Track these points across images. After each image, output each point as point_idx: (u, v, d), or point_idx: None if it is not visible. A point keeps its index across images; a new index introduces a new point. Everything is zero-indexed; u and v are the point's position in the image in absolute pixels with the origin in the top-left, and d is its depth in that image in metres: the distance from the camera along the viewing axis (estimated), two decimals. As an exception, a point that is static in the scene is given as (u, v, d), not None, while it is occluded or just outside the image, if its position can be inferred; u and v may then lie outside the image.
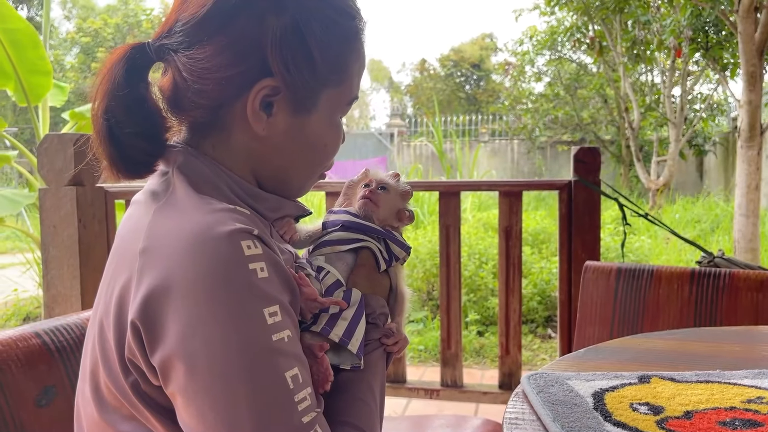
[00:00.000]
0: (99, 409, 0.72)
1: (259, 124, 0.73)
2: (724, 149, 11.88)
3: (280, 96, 0.72)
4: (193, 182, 0.72)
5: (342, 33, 0.75)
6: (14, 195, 4.27)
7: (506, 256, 2.45)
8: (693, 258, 5.75)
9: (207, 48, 0.70)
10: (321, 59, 0.73)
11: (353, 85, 0.78)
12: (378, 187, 0.89)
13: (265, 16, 0.70)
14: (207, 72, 0.71)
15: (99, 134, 0.72)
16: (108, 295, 0.71)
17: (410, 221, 0.91)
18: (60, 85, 5.11)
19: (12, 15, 4.01)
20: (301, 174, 0.81)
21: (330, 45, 0.73)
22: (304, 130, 0.76)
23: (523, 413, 0.87)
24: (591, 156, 2.35)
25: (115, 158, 0.73)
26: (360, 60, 0.78)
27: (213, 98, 0.72)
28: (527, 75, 14.63)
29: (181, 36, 0.71)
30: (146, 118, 0.73)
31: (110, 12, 21.69)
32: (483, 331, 4.35)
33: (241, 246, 0.64)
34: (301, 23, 0.71)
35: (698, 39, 7.53)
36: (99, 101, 0.72)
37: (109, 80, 0.71)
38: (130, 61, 0.71)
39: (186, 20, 0.71)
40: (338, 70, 0.75)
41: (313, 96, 0.74)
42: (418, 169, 10.06)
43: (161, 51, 0.73)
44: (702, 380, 0.96)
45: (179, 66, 0.72)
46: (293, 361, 0.65)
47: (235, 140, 0.75)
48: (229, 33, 0.70)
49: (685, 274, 1.69)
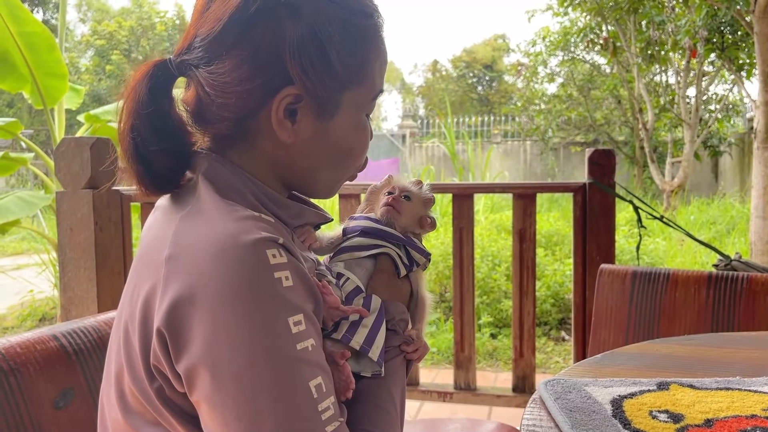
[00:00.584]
0: (123, 413, 0.73)
1: (284, 132, 0.73)
2: (740, 150, 11.76)
3: (303, 103, 0.73)
4: (218, 189, 0.72)
5: (360, 33, 0.74)
6: (30, 197, 4.32)
7: (520, 259, 2.44)
8: (708, 261, 5.69)
9: (227, 62, 0.71)
10: (340, 62, 0.72)
11: (375, 82, 0.78)
12: (401, 194, 0.89)
13: (281, 25, 0.70)
14: (229, 86, 0.71)
15: (126, 153, 0.73)
16: (133, 301, 0.71)
17: (432, 228, 0.91)
18: (75, 87, 5.16)
19: (28, 18, 4.05)
20: (329, 176, 0.81)
21: (348, 47, 0.73)
22: (330, 134, 0.76)
23: (541, 420, 0.87)
24: (606, 158, 2.34)
25: (143, 176, 0.73)
26: (381, 56, 0.78)
27: (237, 110, 0.73)
28: (540, 76, 14.57)
29: (200, 51, 0.72)
30: (171, 134, 0.73)
31: (124, 15, 21.87)
32: (496, 333, 4.33)
33: (266, 255, 0.65)
34: (317, 29, 0.71)
35: (714, 39, 7.47)
36: (125, 120, 0.72)
37: (134, 99, 0.71)
38: (153, 78, 0.72)
39: (204, 36, 0.72)
40: (358, 71, 0.75)
41: (336, 99, 0.74)
42: (430, 171, 10.04)
43: (183, 67, 0.74)
44: (722, 387, 0.94)
45: (201, 81, 0.72)
46: (317, 370, 0.66)
47: (260, 149, 0.75)
48: (247, 45, 0.70)
49: (702, 278, 1.68)
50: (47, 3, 21.05)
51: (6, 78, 4.26)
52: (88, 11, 25.16)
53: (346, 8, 0.73)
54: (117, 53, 17.78)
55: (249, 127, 0.74)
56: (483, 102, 24.32)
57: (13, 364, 0.91)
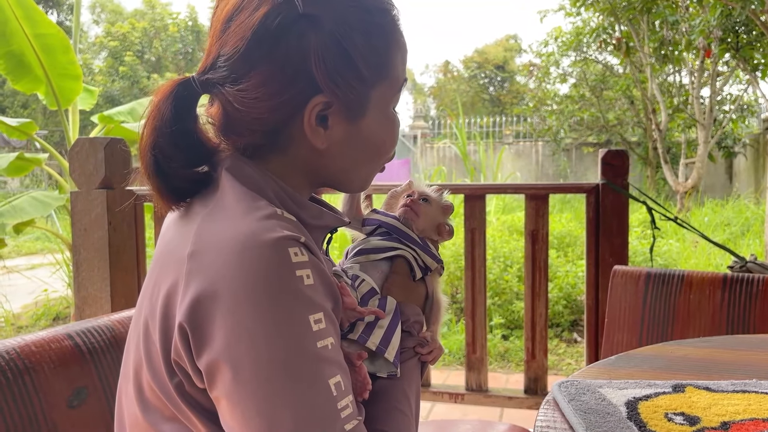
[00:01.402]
0: (141, 408, 0.74)
1: (318, 138, 0.74)
2: (755, 151, 11.66)
3: (333, 108, 0.73)
4: (242, 182, 0.73)
5: (380, 32, 0.75)
6: (45, 197, 4.36)
7: (532, 260, 2.42)
8: (722, 262, 5.64)
9: (253, 79, 0.71)
10: (365, 64, 0.73)
11: (399, 74, 0.79)
12: (420, 198, 0.90)
13: (303, 36, 0.70)
14: (259, 101, 0.71)
15: (147, 169, 0.73)
16: (154, 297, 0.72)
17: (450, 236, 0.91)
18: (89, 88, 5.20)
19: (43, 20, 4.09)
20: (363, 172, 0.82)
21: (371, 47, 0.74)
22: (362, 132, 0.77)
23: (555, 421, 0.86)
24: (619, 159, 2.32)
25: (164, 190, 0.74)
26: (401, 48, 0.78)
27: (269, 124, 0.73)
28: (552, 76, 14.51)
29: (225, 71, 0.72)
30: (194, 150, 0.74)
31: (137, 16, 22.02)
32: (508, 334, 4.31)
33: (288, 253, 0.65)
34: (339, 36, 0.71)
35: (728, 39, 7.40)
36: (147, 137, 0.72)
37: (157, 117, 0.72)
38: (177, 97, 0.72)
39: (228, 54, 0.72)
40: (382, 68, 0.76)
41: (364, 98, 0.75)
42: (442, 171, 10.04)
43: (207, 85, 0.74)
44: (738, 390, 0.93)
45: (229, 99, 0.72)
46: (336, 368, 0.66)
47: (293, 156, 0.76)
48: (272, 61, 0.71)
49: (717, 280, 1.66)
50: (62, 5, 21.24)
51: (21, 79, 4.30)
52: (101, 13, 25.36)
53: (364, 9, 0.74)
54: (130, 54, 17.90)
55: (281, 136, 0.75)
56: (495, 102, 24.26)
57: (28, 362, 0.91)
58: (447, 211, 0.92)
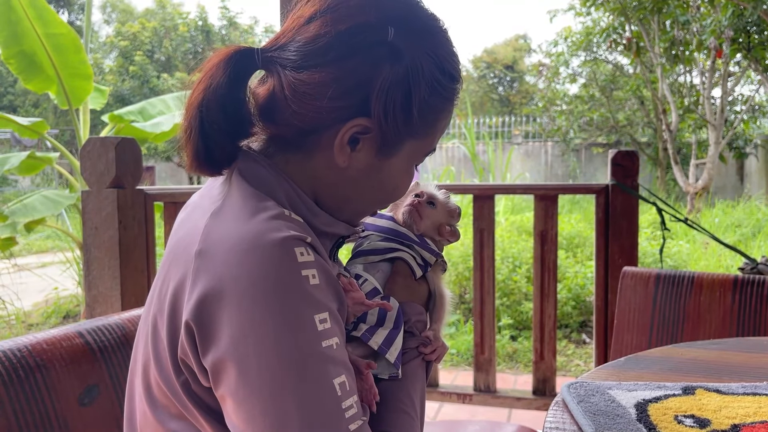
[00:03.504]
0: (150, 405, 0.74)
1: (342, 156, 0.74)
2: (766, 152, 11.56)
3: (370, 135, 0.74)
4: (251, 183, 0.73)
5: (443, 94, 0.77)
6: (56, 196, 4.39)
7: (541, 261, 2.42)
8: (733, 264, 5.60)
9: (317, 75, 0.71)
10: (418, 114, 0.74)
11: (435, 139, 0.81)
12: (427, 201, 0.90)
13: (381, 63, 0.72)
14: (309, 97, 0.72)
15: (189, 125, 0.72)
16: (162, 294, 0.72)
17: (452, 238, 0.91)
18: (100, 88, 5.23)
19: (55, 20, 4.12)
20: (362, 207, 0.82)
21: (430, 103, 0.75)
22: (382, 171, 0.78)
23: (564, 422, 0.86)
24: (629, 159, 2.31)
25: (200, 151, 0.73)
26: (447, 118, 0.80)
27: (307, 122, 0.73)
28: (562, 76, 14.46)
29: (294, 55, 0.72)
30: (238, 120, 0.73)
31: (148, 16, 22.12)
32: (516, 335, 4.30)
33: (294, 252, 0.66)
34: (411, 76, 0.73)
35: (740, 39, 7.35)
36: (197, 94, 0.72)
37: (211, 76, 0.71)
38: (236, 62, 0.72)
39: (304, 42, 0.72)
40: (428, 126, 0.77)
41: (399, 143, 0.76)
42: (451, 171, 10.02)
43: (269, 62, 0.74)
44: (749, 392, 0.93)
45: (283, 82, 0.73)
46: (341, 368, 0.66)
47: (312, 164, 0.76)
48: (342, 67, 0.71)
49: (728, 282, 1.65)
50: (73, 4, 21.36)
51: (33, 78, 4.33)
52: (112, 12, 25.48)
53: (440, 66, 0.75)
54: (140, 54, 17.96)
55: (311, 139, 0.75)
56: (504, 103, 24.18)
57: (39, 360, 0.92)
58: (453, 215, 0.92)
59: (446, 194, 0.93)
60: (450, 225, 0.92)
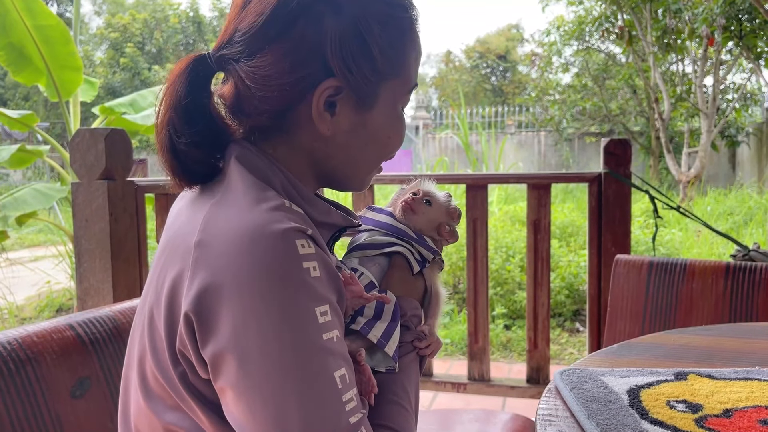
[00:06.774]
0: (145, 397, 0.74)
1: (324, 124, 0.74)
2: (758, 140, 11.60)
3: (343, 95, 0.73)
4: (251, 175, 0.73)
5: (398, 26, 0.75)
6: (47, 189, 4.36)
7: (534, 250, 2.42)
8: (725, 251, 5.63)
9: (268, 56, 0.71)
10: (380, 55, 0.73)
11: (411, 74, 0.79)
12: (423, 198, 0.90)
13: (322, 18, 0.71)
14: (270, 79, 0.71)
15: (161, 146, 0.73)
16: (159, 285, 0.72)
17: (452, 238, 0.91)
18: (90, 80, 5.19)
19: (44, 11, 4.08)
20: (365, 168, 0.82)
21: (388, 40, 0.74)
22: (368, 125, 0.77)
23: (557, 409, 0.86)
24: (621, 148, 2.31)
25: (177, 169, 0.74)
26: (416, 49, 0.79)
27: (277, 103, 0.73)
28: (554, 66, 14.45)
29: (241, 46, 0.72)
30: (206, 126, 0.73)
31: (138, 7, 21.95)
32: (510, 324, 4.32)
33: (295, 244, 0.65)
34: (358, 22, 0.72)
35: (731, 27, 7.36)
36: (162, 114, 0.73)
37: (172, 93, 0.72)
38: (192, 73, 0.72)
39: (245, 30, 0.72)
40: (396, 63, 0.76)
41: (374, 91, 0.75)
42: (444, 162, 10.02)
43: (222, 61, 0.74)
44: (741, 377, 0.93)
45: (241, 75, 0.73)
46: (341, 361, 0.66)
47: (298, 141, 0.76)
48: (289, 39, 0.71)
49: (720, 269, 1.66)
50: (62, -3, 21.17)
51: (22, 71, 4.29)
52: (102, 4, 25.29)
53: (385, 1, 0.74)
54: (131, 46, 17.84)
55: (288, 119, 0.75)
56: (497, 93, 24.18)
57: (30, 353, 0.91)
58: (453, 216, 0.92)
59: (448, 195, 0.93)
60: (450, 225, 0.91)
